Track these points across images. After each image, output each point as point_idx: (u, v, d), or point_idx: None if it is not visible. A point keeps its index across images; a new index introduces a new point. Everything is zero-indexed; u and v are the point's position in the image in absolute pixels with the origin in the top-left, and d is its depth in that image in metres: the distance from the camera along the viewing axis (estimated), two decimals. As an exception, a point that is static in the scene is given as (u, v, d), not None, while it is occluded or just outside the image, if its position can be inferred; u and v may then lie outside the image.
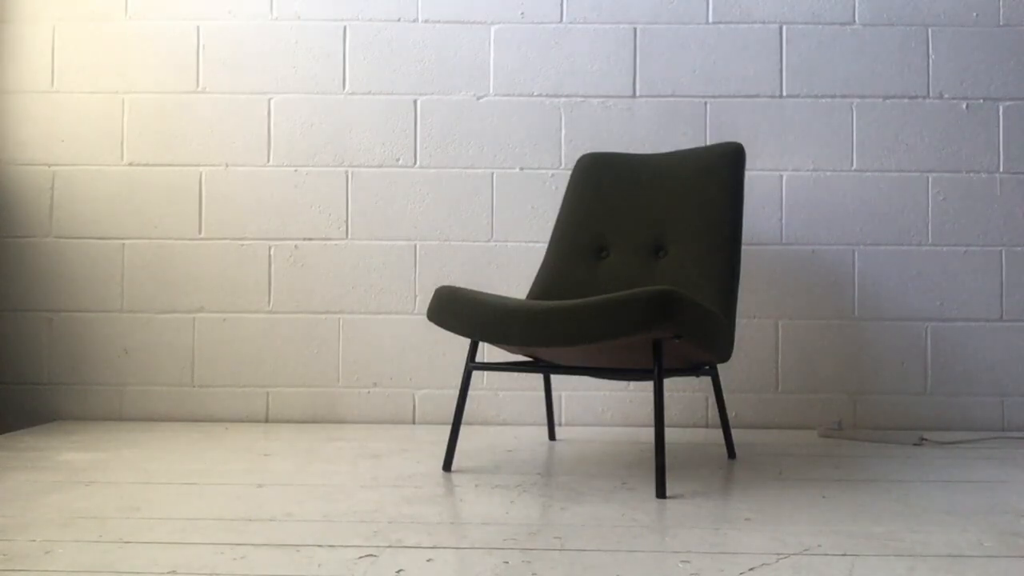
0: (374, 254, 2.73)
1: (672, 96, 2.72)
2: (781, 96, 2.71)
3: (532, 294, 2.33)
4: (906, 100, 2.70)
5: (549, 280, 2.33)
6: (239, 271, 2.74)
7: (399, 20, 2.75)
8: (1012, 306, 2.67)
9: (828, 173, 2.70)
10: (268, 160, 2.76)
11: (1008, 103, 2.69)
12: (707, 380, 2.68)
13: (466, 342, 2.66)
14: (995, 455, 2.23)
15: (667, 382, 2.68)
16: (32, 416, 2.73)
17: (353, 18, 2.76)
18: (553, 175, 2.72)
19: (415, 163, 2.75)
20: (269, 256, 2.74)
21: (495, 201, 2.73)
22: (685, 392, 2.68)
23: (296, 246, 2.74)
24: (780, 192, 2.70)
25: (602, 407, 2.69)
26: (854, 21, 2.71)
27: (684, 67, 2.72)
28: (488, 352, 2.66)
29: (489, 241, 2.73)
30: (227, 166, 2.75)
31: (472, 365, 2.05)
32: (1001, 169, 2.68)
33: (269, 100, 2.76)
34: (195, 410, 2.73)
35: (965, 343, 2.67)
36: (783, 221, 2.69)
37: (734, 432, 2.25)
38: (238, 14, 2.78)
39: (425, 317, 2.76)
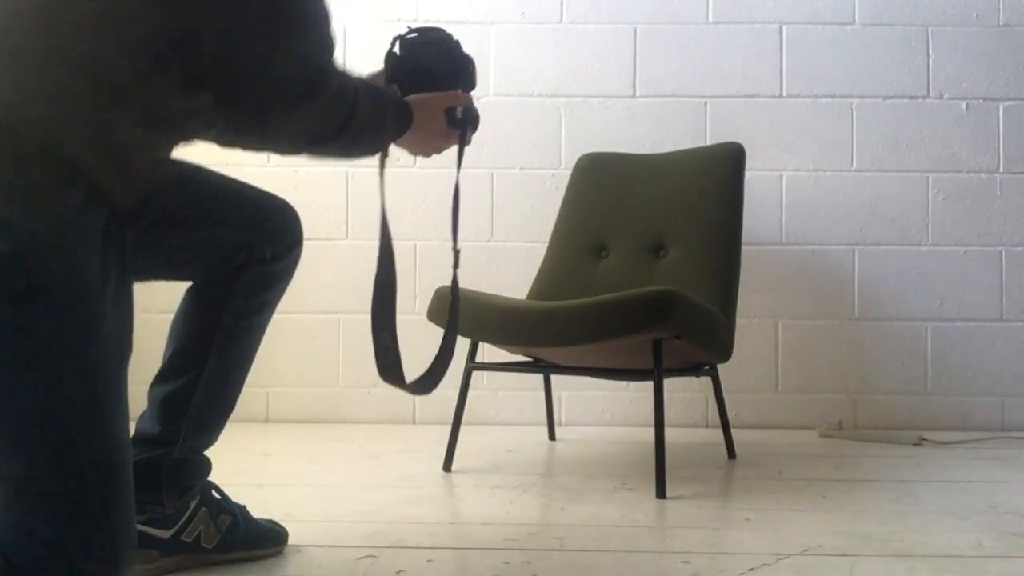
0: (374, 254, 2.72)
1: (672, 96, 2.72)
2: (781, 96, 2.71)
3: (532, 294, 2.33)
4: (906, 100, 2.70)
5: (549, 280, 2.33)
6: (239, 271, 2.73)
7: (399, 20, 2.75)
8: (1012, 306, 2.67)
9: (828, 173, 2.70)
10: (268, 160, 2.76)
11: (1008, 103, 2.69)
12: (707, 380, 2.67)
13: (466, 342, 2.66)
14: (995, 455, 2.23)
15: (667, 382, 2.66)
16: (32, 416, 2.72)
17: (353, 18, 2.75)
18: (553, 175, 2.72)
19: (415, 163, 2.74)
20: (269, 256, 2.73)
21: (495, 201, 2.73)
22: (685, 392, 2.68)
23: (296, 246, 2.74)
24: (780, 192, 2.70)
25: (602, 407, 2.69)
26: (854, 21, 2.71)
27: (684, 67, 2.72)
28: (488, 352, 2.66)
29: (489, 241, 2.73)
30: (227, 166, 2.74)
31: (472, 365, 2.05)
32: (1001, 169, 2.68)
33: (269, 100, 2.75)
34: (195, 410, 2.72)
35: (965, 343, 2.67)
36: (783, 221, 2.69)
37: (734, 432, 2.25)
38: (238, 14, 2.78)
39: (425, 317, 2.76)
